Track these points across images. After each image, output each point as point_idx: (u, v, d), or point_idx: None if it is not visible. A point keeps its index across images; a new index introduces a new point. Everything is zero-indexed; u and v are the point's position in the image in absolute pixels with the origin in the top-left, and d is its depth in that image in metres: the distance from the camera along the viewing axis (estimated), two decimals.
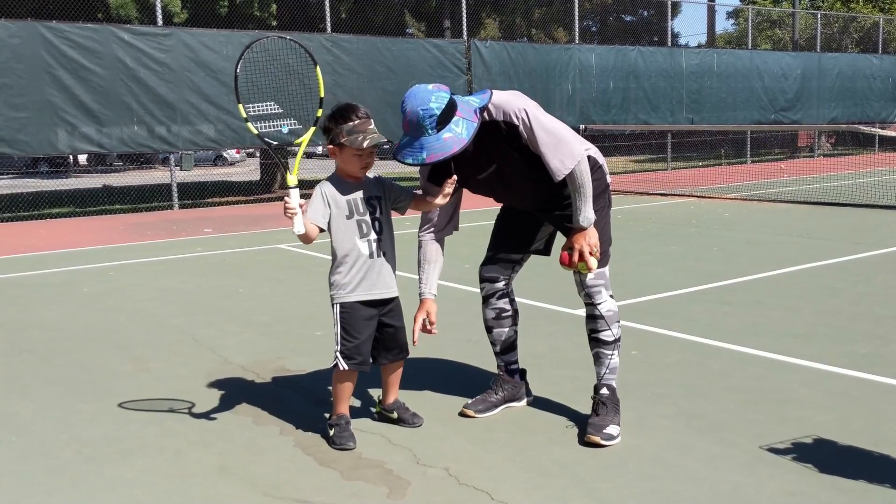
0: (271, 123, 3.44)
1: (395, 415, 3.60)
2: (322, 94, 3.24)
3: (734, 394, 3.87)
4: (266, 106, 3.42)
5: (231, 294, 6.69)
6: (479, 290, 3.82)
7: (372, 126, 3.29)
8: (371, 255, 3.36)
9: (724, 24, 50.33)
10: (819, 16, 26.79)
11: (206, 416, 3.79)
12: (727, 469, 3.04)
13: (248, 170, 28.43)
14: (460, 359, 4.64)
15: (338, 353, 3.38)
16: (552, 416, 3.67)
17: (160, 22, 14.19)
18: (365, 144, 3.24)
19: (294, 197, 3.19)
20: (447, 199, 3.42)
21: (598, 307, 3.48)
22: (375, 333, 3.47)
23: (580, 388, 3.99)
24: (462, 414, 3.68)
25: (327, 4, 15.81)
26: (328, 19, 15.85)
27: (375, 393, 3.79)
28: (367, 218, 3.37)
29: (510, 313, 3.75)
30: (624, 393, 3.92)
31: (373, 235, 3.37)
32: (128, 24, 14.60)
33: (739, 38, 38.18)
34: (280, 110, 3.46)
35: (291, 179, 3.22)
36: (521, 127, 3.30)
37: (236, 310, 6.07)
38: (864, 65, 24.87)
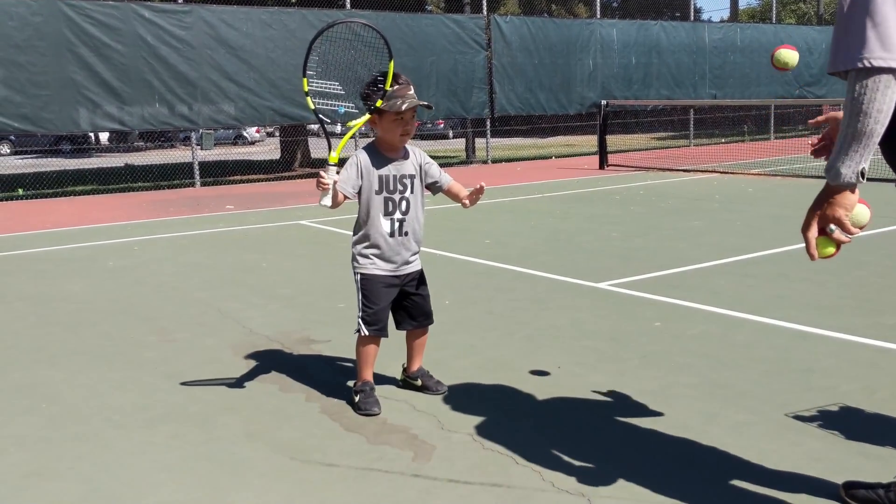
0: (329, 102, 3.42)
1: (419, 382, 3.62)
2: (388, 88, 3.20)
3: (758, 364, 3.85)
4: (329, 85, 3.40)
5: (254, 268, 6.73)
6: (500, 265, 3.80)
7: (412, 92, 3.28)
8: (392, 234, 3.36)
9: None
10: None
11: (232, 384, 3.83)
12: (752, 436, 3.03)
13: (268, 149, 28.50)
14: (482, 331, 4.65)
15: (360, 320, 3.41)
16: (575, 385, 3.67)
17: None
18: (404, 107, 3.22)
19: (331, 174, 3.17)
20: (474, 202, 3.44)
21: None
22: (402, 302, 3.49)
23: (602, 359, 3.99)
24: None
25: None
26: None
27: (399, 361, 3.81)
28: (396, 196, 3.37)
29: None
30: (647, 364, 3.93)
31: (398, 214, 3.37)
32: (148, 1, 14.62)
33: (763, 13, 37.62)
34: (342, 91, 3.43)
35: (333, 157, 3.19)
36: None
37: (260, 283, 6.11)
38: None
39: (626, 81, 19.08)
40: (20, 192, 14.33)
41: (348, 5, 15.76)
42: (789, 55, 2.64)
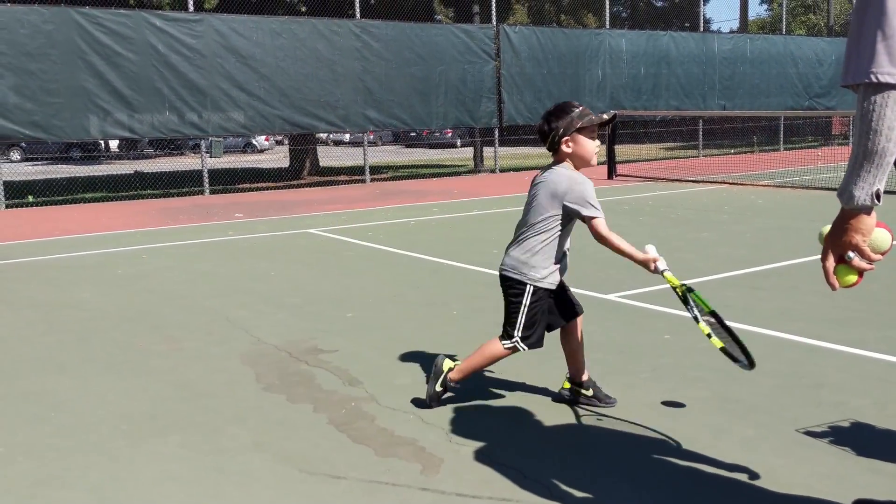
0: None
1: (590, 392, 3.56)
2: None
3: (769, 378, 3.83)
4: None
5: (263, 277, 6.74)
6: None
7: None
8: (565, 254, 3.45)
9: (757, 10, 49.56)
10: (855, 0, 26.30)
11: (240, 393, 3.83)
12: (762, 451, 3.01)
13: (277, 157, 28.59)
14: None
15: (518, 338, 3.37)
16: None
17: (191, 7, 14.28)
18: (606, 116, 3.36)
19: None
20: None
21: None
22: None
23: (609, 372, 3.98)
24: None
25: None
26: (357, 5, 15.85)
27: (402, 378, 3.79)
28: None
29: None
30: (657, 376, 3.92)
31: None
32: (159, 10, 14.72)
33: (773, 24, 37.62)
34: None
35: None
36: None
37: (268, 292, 6.12)
38: None
39: (635, 91, 19.07)
40: (30, 198, 14.41)
41: (358, 15, 15.82)
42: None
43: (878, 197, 1.79)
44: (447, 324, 5.03)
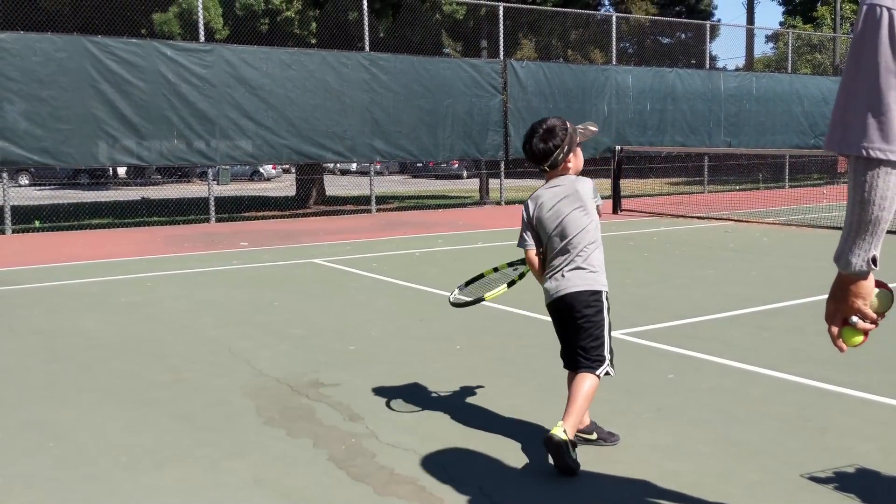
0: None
1: (594, 436, 3.54)
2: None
3: (774, 421, 3.80)
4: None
5: (266, 307, 6.73)
6: (513, 310, 3.79)
7: None
8: None
9: (763, 48, 49.97)
10: None
11: (240, 427, 3.80)
12: (767, 497, 2.97)
13: (283, 185, 28.72)
14: (494, 378, 4.61)
15: (610, 364, 3.37)
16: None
17: (202, 38, 14.44)
18: (592, 127, 3.49)
19: None
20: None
21: None
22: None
23: (613, 411, 3.95)
24: None
25: (366, 23, 15.98)
26: (366, 38, 16.01)
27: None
28: None
29: None
30: (661, 417, 3.88)
31: None
32: (170, 40, 14.88)
33: (779, 62, 37.86)
34: None
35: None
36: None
37: (271, 322, 6.11)
38: None
39: (640, 127, 19.16)
40: (37, 223, 14.48)
41: (367, 48, 15.97)
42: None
43: (874, 262, 1.82)
44: (450, 358, 5.02)
